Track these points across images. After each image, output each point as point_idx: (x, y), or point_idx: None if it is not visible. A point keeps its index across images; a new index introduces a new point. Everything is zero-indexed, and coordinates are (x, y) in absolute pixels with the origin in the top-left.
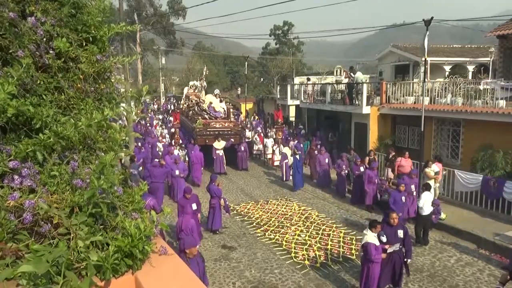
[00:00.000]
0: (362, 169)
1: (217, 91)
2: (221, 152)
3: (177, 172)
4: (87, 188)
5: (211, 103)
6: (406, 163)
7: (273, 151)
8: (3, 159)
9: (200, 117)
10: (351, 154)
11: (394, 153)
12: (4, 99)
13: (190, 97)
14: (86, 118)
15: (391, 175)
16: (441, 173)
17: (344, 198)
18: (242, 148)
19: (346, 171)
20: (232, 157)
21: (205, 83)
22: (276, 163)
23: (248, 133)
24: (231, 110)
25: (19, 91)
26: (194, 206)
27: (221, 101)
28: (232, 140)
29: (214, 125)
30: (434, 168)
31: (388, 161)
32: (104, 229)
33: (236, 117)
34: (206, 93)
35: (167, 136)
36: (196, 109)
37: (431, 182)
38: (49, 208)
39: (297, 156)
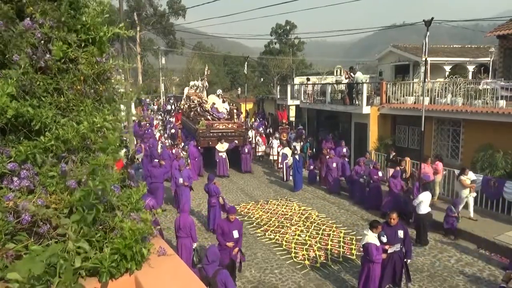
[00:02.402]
0: (380, 173)
1: (219, 92)
2: (223, 155)
3: (180, 180)
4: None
5: (214, 103)
6: (429, 169)
7: (278, 153)
8: (3, 161)
9: (203, 118)
10: (367, 157)
11: (394, 153)
12: (4, 100)
13: (191, 97)
14: (88, 121)
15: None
16: (442, 173)
17: (347, 200)
18: (246, 150)
19: (365, 177)
20: (236, 159)
21: (206, 83)
22: (281, 165)
23: (249, 133)
24: (235, 111)
25: (19, 93)
26: (236, 234)
27: (223, 102)
28: (236, 142)
29: (218, 126)
30: (471, 176)
31: (389, 162)
32: (102, 230)
33: (236, 117)
34: (207, 94)
35: (163, 137)
36: (198, 110)
37: (466, 191)
38: (38, 209)
39: (297, 157)
